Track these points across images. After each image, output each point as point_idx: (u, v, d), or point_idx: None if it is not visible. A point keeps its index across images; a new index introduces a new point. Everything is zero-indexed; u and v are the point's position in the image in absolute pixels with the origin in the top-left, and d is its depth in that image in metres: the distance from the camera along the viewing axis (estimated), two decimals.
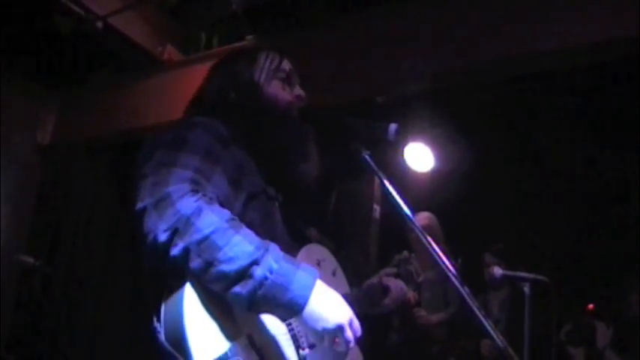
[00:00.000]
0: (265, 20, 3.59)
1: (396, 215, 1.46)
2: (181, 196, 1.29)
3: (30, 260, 3.89)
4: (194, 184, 1.33)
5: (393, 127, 1.54)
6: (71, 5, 3.47)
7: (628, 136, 3.62)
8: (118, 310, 4.07)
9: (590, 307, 3.71)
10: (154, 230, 1.27)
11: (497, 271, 3.28)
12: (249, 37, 3.65)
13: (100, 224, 4.35)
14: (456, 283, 1.35)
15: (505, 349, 1.30)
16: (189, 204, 1.28)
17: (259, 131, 1.63)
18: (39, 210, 4.36)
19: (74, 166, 4.45)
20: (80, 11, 3.51)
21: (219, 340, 1.29)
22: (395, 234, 3.54)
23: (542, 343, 2.98)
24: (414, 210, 1.48)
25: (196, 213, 1.27)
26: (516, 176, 4.17)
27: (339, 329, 1.34)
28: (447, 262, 1.37)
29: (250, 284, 1.26)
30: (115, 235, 4.27)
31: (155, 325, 1.32)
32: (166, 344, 1.28)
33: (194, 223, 1.26)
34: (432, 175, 4.12)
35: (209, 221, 1.27)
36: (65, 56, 4.04)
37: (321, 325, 1.33)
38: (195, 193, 1.31)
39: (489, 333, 1.30)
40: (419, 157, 4.06)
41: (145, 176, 1.36)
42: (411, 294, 3.26)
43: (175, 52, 4.00)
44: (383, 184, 1.50)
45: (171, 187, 1.30)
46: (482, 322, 1.31)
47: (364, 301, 1.79)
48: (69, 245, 4.26)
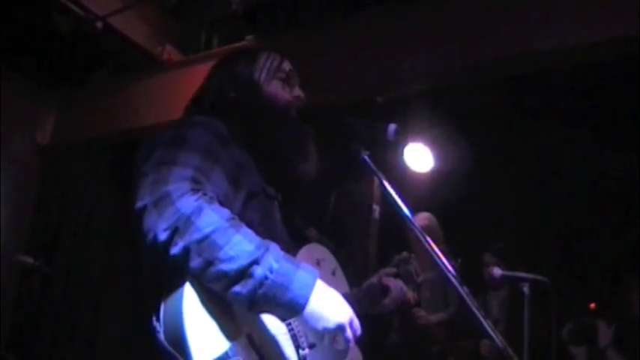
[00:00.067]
0: (265, 20, 3.59)
1: (396, 215, 1.46)
2: (181, 195, 1.28)
3: (29, 260, 3.89)
4: (194, 182, 1.33)
5: (392, 127, 1.54)
6: (70, 5, 3.47)
7: (628, 136, 3.62)
8: (117, 310, 4.07)
9: (592, 306, 3.71)
10: (153, 229, 1.27)
11: (497, 272, 3.29)
12: (248, 37, 3.64)
13: (100, 224, 4.35)
14: (456, 283, 1.35)
15: (504, 349, 1.30)
16: (189, 203, 1.27)
17: (258, 130, 1.63)
18: (38, 210, 4.35)
19: (74, 166, 4.45)
20: (80, 11, 3.50)
21: (218, 340, 1.29)
22: (394, 234, 3.53)
23: (542, 343, 2.99)
24: (413, 210, 1.48)
25: (197, 212, 1.27)
26: (516, 176, 4.17)
27: (339, 329, 1.34)
28: (447, 263, 1.37)
29: (251, 284, 1.26)
30: (115, 235, 4.27)
31: (154, 325, 1.31)
32: (166, 344, 1.28)
33: (194, 222, 1.26)
34: (432, 176, 4.13)
35: (209, 220, 1.27)
36: (65, 56, 4.03)
37: (322, 325, 1.33)
38: (196, 192, 1.30)
39: (489, 333, 1.30)
40: (418, 157, 4.07)
41: (145, 175, 1.35)
42: (411, 294, 3.27)
43: (175, 52, 4.00)
44: (382, 184, 1.50)
45: (171, 186, 1.30)
46: (481, 323, 1.31)
47: (364, 301, 1.79)
48: (68, 245, 4.26)
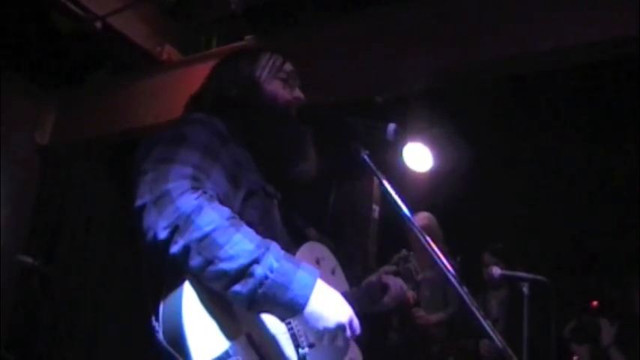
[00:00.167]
0: (264, 20, 3.59)
1: (395, 215, 1.46)
2: (182, 194, 1.28)
3: (29, 260, 3.88)
4: (194, 181, 1.32)
5: (392, 127, 1.54)
6: (70, 5, 3.47)
7: (628, 136, 3.62)
8: (117, 310, 4.07)
9: (595, 304, 3.71)
10: (153, 227, 1.27)
11: (496, 271, 3.28)
12: (248, 37, 3.65)
13: (99, 224, 4.35)
14: (455, 282, 1.35)
15: (504, 349, 1.30)
16: (189, 201, 1.27)
17: (258, 129, 1.62)
18: (38, 210, 4.35)
19: (73, 167, 4.45)
20: (79, 11, 3.50)
21: (218, 339, 1.28)
22: (394, 234, 3.53)
23: (541, 343, 2.98)
24: (412, 210, 1.48)
25: (197, 210, 1.26)
26: (516, 176, 4.17)
27: (339, 329, 1.34)
28: (446, 262, 1.37)
29: (251, 283, 1.25)
30: (115, 235, 4.27)
31: (154, 324, 1.31)
32: (165, 343, 1.27)
33: (194, 220, 1.25)
34: (431, 175, 4.13)
35: (209, 219, 1.26)
36: (64, 56, 4.04)
37: (322, 325, 1.32)
38: (196, 190, 1.30)
39: (488, 333, 1.30)
40: (418, 157, 4.07)
41: (144, 172, 1.35)
42: (410, 294, 3.27)
43: (174, 52, 4.00)
44: (382, 184, 1.50)
45: (171, 184, 1.29)
46: (481, 322, 1.30)
47: (364, 300, 1.78)
48: (68, 245, 4.26)
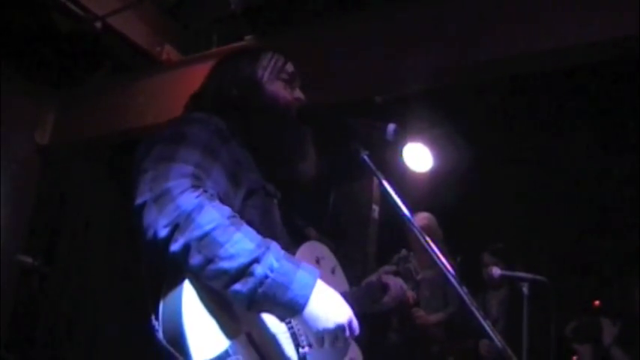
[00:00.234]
0: (264, 20, 3.59)
1: (395, 215, 1.46)
2: (182, 192, 1.28)
3: (29, 260, 3.89)
4: (195, 179, 1.32)
5: (391, 127, 1.54)
6: (70, 5, 3.47)
7: (628, 136, 3.62)
8: (117, 310, 4.07)
9: (596, 303, 3.70)
10: (153, 225, 1.26)
11: (496, 271, 3.28)
12: (248, 37, 3.64)
13: (99, 224, 4.35)
14: (455, 282, 1.35)
15: (503, 349, 1.30)
16: (190, 200, 1.27)
17: (258, 129, 1.63)
18: (38, 210, 4.35)
19: (73, 166, 4.45)
20: (79, 11, 3.50)
21: (218, 338, 1.28)
22: (394, 234, 3.53)
23: (541, 343, 2.98)
24: (412, 210, 1.48)
25: (197, 209, 1.26)
26: (516, 176, 4.17)
27: (338, 329, 1.34)
28: (446, 262, 1.37)
29: (251, 282, 1.25)
30: (114, 235, 4.27)
31: (153, 323, 1.31)
32: (165, 342, 1.27)
33: (195, 219, 1.25)
34: (431, 175, 4.12)
35: (210, 218, 1.26)
36: (64, 56, 4.03)
37: (322, 325, 1.32)
38: (196, 188, 1.30)
39: (488, 333, 1.30)
40: (418, 157, 4.06)
41: (145, 171, 1.35)
42: (410, 293, 3.26)
43: (174, 52, 4.00)
44: (382, 184, 1.49)
45: (172, 183, 1.29)
46: (480, 322, 1.30)
47: (363, 300, 1.78)
48: (68, 245, 4.26)
